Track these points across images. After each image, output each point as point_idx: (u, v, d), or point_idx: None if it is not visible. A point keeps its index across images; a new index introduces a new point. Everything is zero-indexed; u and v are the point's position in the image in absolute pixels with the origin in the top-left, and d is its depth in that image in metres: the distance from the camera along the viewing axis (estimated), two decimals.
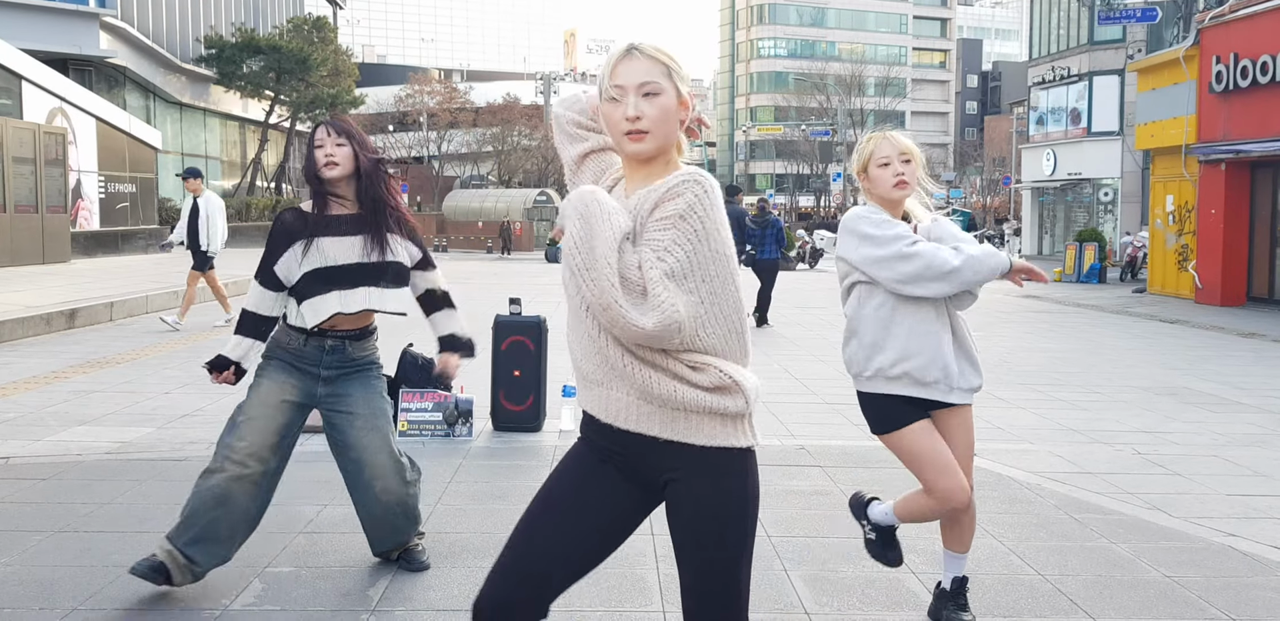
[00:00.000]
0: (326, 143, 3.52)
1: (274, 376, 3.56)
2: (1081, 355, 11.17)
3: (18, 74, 20.89)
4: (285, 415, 3.53)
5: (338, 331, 3.57)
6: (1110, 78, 31.75)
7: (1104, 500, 5.06)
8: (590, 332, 2.05)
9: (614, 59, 2.10)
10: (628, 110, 2.06)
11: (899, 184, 3.19)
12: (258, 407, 3.50)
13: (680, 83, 2.12)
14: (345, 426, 3.60)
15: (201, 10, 37.09)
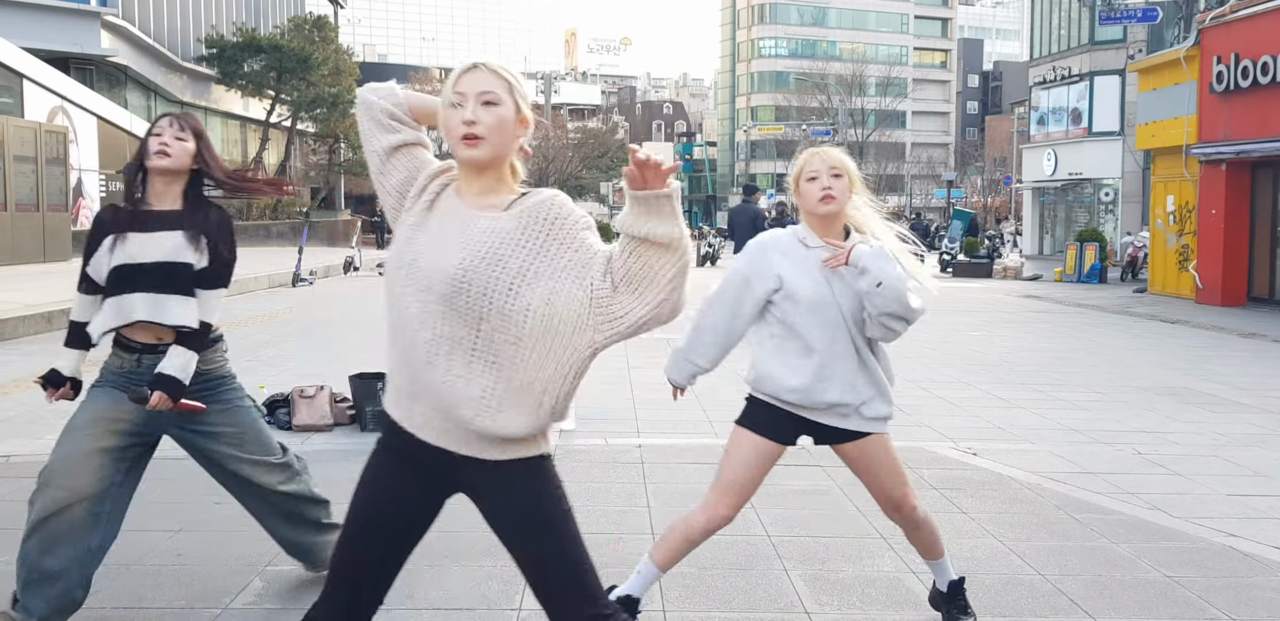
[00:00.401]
0: (165, 132, 3.22)
1: (101, 398, 3.15)
2: (1082, 355, 11.16)
3: (19, 73, 20.90)
4: (116, 437, 3.11)
5: (169, 343, 3.16)
6: (1111, 78, 31.74)
7: (1104, 500, 5.06)
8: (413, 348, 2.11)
9: (459, 72, 2.19)
10: (465, 114, 2.13)
11: (824, 198, 3.10)
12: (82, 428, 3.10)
13: (521, 100, 2.19)
14: (205, 445, 3.27)
15: (203, 9, 37.09)
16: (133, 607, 3.38)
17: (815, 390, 3.09)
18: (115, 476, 3.10)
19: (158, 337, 3.16)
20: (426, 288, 2.09)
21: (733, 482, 3.17)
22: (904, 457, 5.77)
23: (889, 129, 74.34)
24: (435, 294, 2.08)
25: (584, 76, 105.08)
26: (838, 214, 3.13)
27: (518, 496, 2.19)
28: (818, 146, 3.28)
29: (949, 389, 8.52)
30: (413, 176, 2.27)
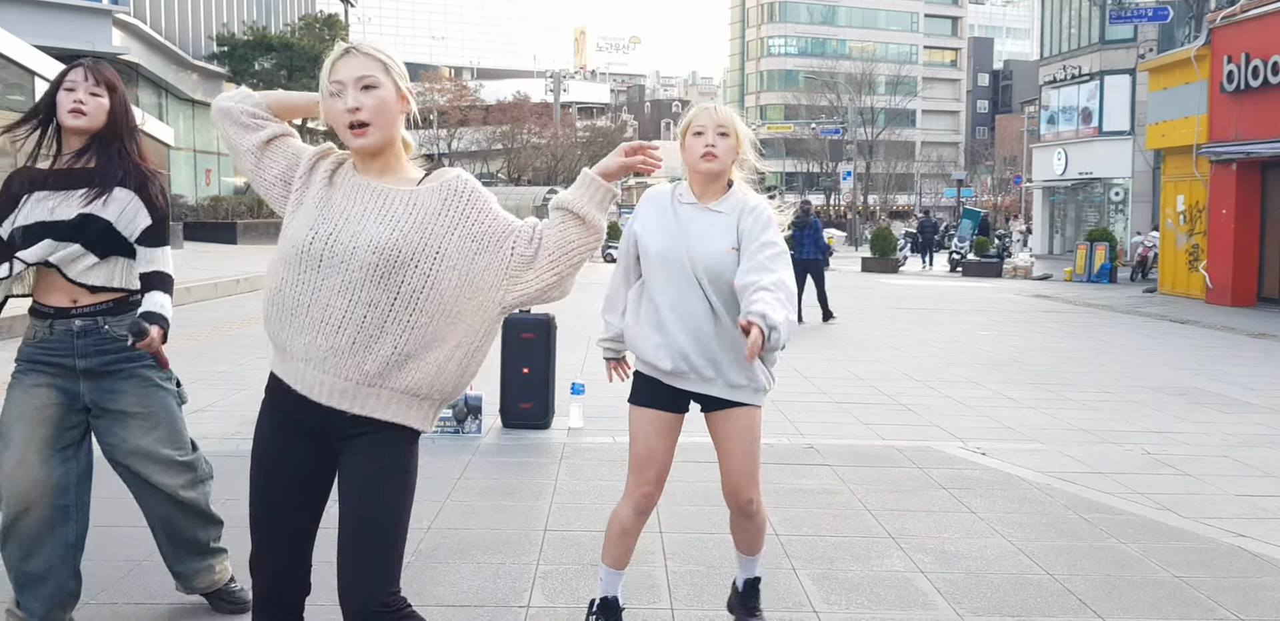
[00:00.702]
0: (79, 88, 2.97)
1: (22, 385, 3.00)
2: (1091, 355, 11.14)
3: (31, 70, 20.98)
4: (49, 425, 2.97)
5: (81, 307, 2.98)
6: (1121, 77, 31.65)
7: (1113, 500, 5.05)
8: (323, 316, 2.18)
9: (333, 59, 2.24)
10: (347, 102, 2.18)
11: (706, 155, 3.01)
12: (12, 427, 2.96)
13: (398, 79, 2.25)
14: (118, 428, 3.05)
15: (214, 8, 37.20)
16: (145, 603, 3.40)
17: (658, 355, 3.03)
18: (64, 465, 2.99)
19: (72, 300, 2.98)
20: (347, 259, 2.17)
21: (641, 460, 3.12)
22: (914, 457, 5.79)
23: (899, 128, 74.16)
24: (359, 263, 2.17)
25: (593, 75, 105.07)
26: (719, 173, 3.05)
27: (383, 459, 2.25)
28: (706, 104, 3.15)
29: (958, 388, 8.51)
30: (293, 163, 2.35)
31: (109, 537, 3.96)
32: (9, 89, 20.72)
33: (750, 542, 3.29)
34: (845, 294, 19.47)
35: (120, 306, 3.03)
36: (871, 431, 6.69)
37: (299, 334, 2.22)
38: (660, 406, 3.11)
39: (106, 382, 3.01)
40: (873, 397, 7.99)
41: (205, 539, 3.26)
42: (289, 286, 2.21)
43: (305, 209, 2.27)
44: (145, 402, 3.06)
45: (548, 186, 47.18)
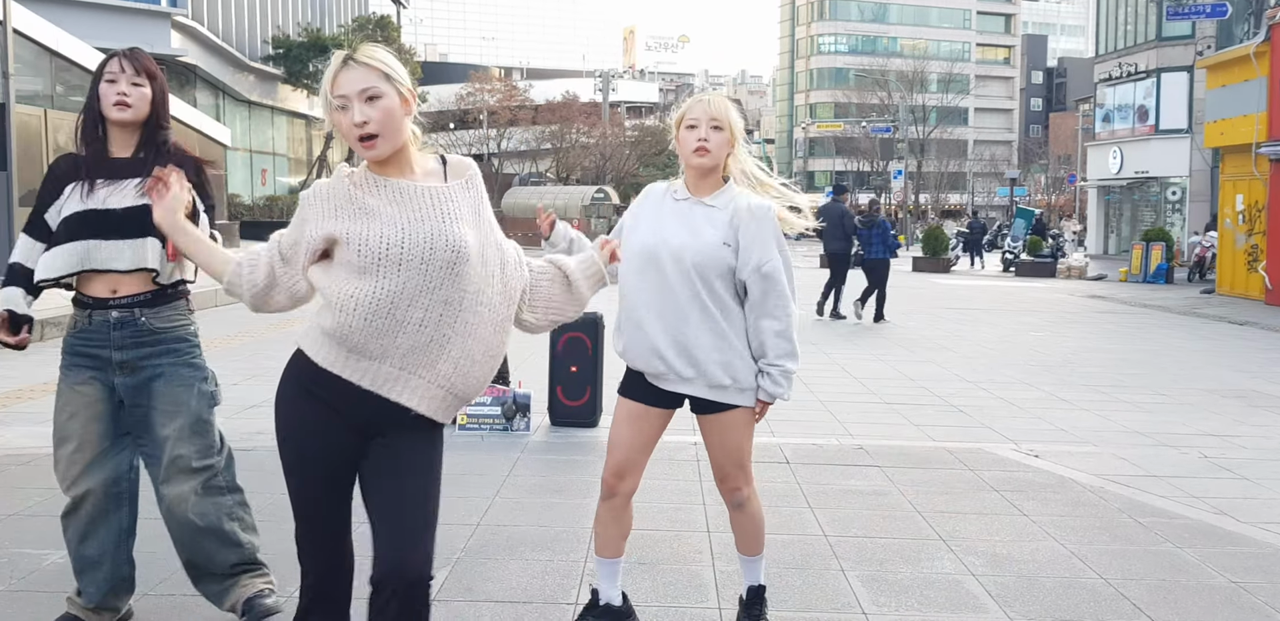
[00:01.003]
0: (121, 79, 2.96)
1: (67, 381, 3.04)
2: (1147, 356, 10.96)
3: (92, 72, 21.42)
4: (99, 421, 3.01)
5: (119, 298, 2.98)
6: (1179, 74, 31.06)
7: (1169, 504, 4.98)
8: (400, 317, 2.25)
9: (333, 71, 2.28)
10: (354, 116, 2.23)
11: (699, 150, 2.96)
12: (64, 423, 3.02)
13: (399, 84, 2.29)
14: (146, 425, 3.03)
15: (269, 10, 37.71)
16: (199, 593, 3.46)
17: (633, 355, 3.01)
18: (117, 456, 3.05)
19: (111, 290, 2.98)
20: (427, 259, 2.24)
21: (609, 446, 3.11)
22: (965, 459, 5.74)
23: (951, 126, 73.42)
24: (438, 262, 2.24)
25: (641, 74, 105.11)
26: (712, 167, 3.01)
27: (419, 445, 2.36)
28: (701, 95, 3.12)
29: (1010, 390, 8.42)
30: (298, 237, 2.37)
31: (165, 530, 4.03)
32: (71, 90, 21.15)
33: (748, 539, 3.22)
34: (896, 294, 19.31)
35: (158, 299, 3.02)
36: (922, 432, 6.64)
37: (377, 336, 2.27)
38: (643, 400, 3.07)
39: (139, 377, 3.00)
40: (923, 398, 7.93)
41: (224, 561, 3.13)
42: (367, 293, 2.24)
43: (345, 220, 2.28)
44: (173, 401, 3.02)
45: (595, 186, 47.33)
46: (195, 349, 3.11)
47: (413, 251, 2.25)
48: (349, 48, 2.32)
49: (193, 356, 3.08)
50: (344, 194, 2.33)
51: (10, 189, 12.99)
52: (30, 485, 4.70)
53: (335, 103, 2.27)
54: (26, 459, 5.21)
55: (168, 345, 3.01)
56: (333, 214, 2.31)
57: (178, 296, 3.07)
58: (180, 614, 3.30)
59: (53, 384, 3.16)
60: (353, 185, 2.33)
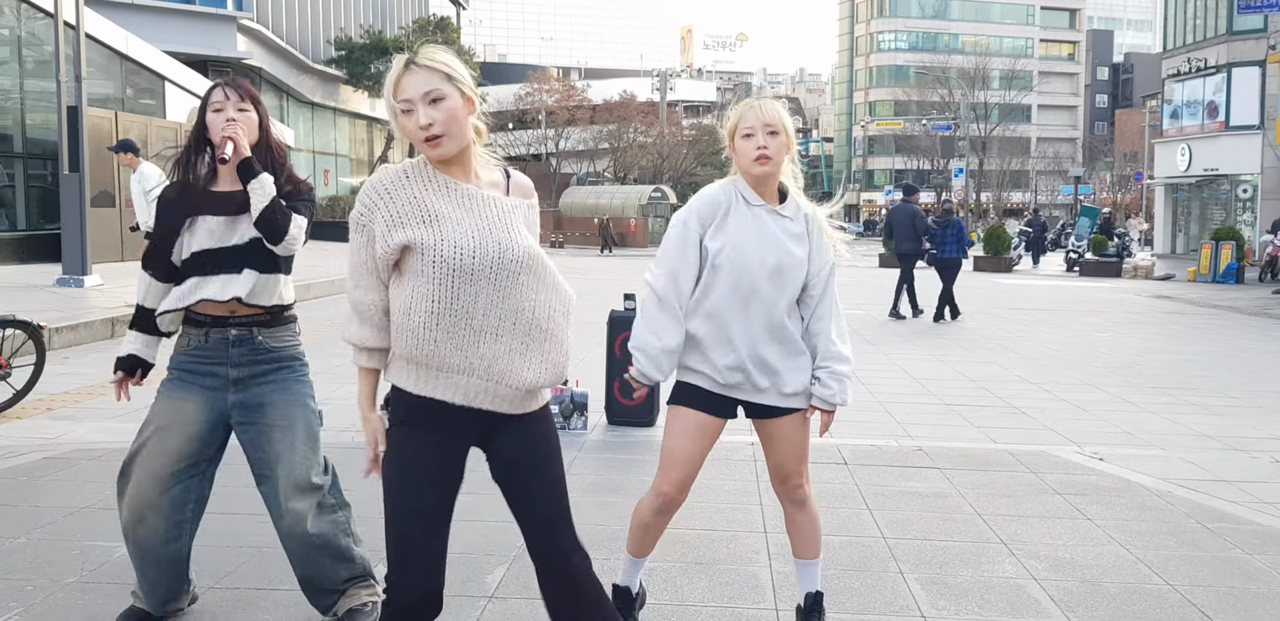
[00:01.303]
0: (227, 107, 3.00)
1: (170, 395, 3.05)
2: (1216, 358, 10.72)
3: (161, 75, 21.90)
4: (189, 442, 3.02)
5: (239, 317, 3.02)
6: (1250, 69, 30.30)
7: (1239, 509, 4.86)
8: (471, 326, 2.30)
9: (395, 75, 2.30)
10: (420, 119, 2.27)
11: (760, 158, 2.90)
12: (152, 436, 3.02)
13: (461, 85, 2.31)
14: (260, 440, 3.05)
15: (331, 13, 38.27)
16: (264, 588, 3.53)
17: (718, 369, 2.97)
18: (188, 481, 3.05)
19: (230, 311, 3.01)
20: (497, 268, 2.29)
21: (669, 461, 3.06)
22: (1027, 462, 5.66)
23: (1013, 123, 72.42)
24: (507, 272, 2.30)
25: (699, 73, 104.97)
26: (774, 173, 2.97)
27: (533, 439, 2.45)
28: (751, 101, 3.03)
29: (1074, 391, 8.28)
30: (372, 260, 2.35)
31: (233, 525, 4.12)
32: (140, 93, 21.64)
33: (809, 540, 3.18)
34: (957, 294, 19.10)
35: (276, 319, 3.08)
36: (983, 434, 6.56)
37: (458, 349, 2.31)
38: (704, 409, 3.04)
39: (254, 392, 3.04)
40: (984, 400, 7.83)
41: (337, 577, 3.16)
42: (442, 304, 2.28)
43: (413, 225, 2.29)
44: (288, 416, 3.05)
45: (653, 185, 47.35)
46: (305, 368, 3.16)
47: (484, 260, 2.29)
48: (410, 50, 2.34)
49: (303, 374, 3.14)
50: (407, 198, 2.31)
51: (83, 190, 13.31)
52: (101, 479, 4.81)
53: (399, 107, 2.29)
54: (98, 453, 5.34)
55: (282, 363, 3.08)
56: (398, 221, 2.30)
57: (291, 319, 3.15)
58: (245, 607, 3.36)
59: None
60: (417, 185, 2.33)
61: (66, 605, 3.33)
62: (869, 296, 17.55)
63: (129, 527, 3.02)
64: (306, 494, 3.05)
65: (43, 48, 18.18)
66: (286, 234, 2.96)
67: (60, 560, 3.74)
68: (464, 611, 3.37)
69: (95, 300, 11.47)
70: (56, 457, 5.25)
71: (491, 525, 4.06)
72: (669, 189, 46.25)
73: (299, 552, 3.10)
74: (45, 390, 6.98)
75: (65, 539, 3.97)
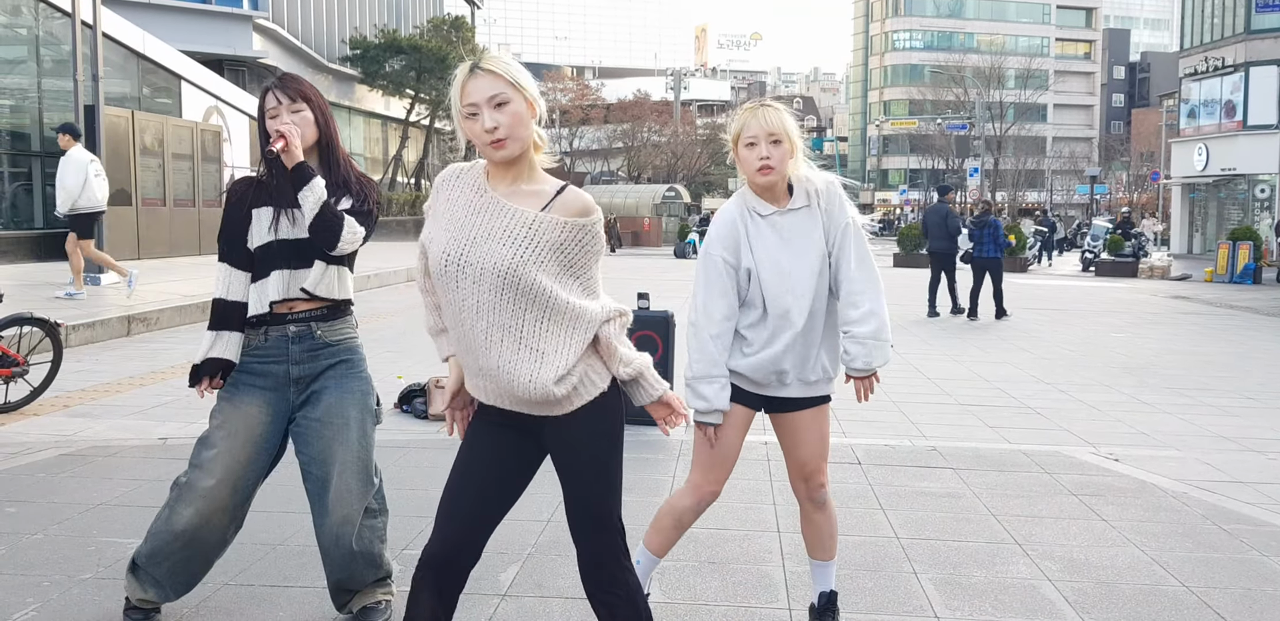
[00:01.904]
0: (281, 112, 2.98)
1: (234, 400, 3.05)
2: (1233, 359, 10.66)
3: (177, 74, 21.98)
4: (255, 448, 3.04)
5: (297, 313, 3.03)
6: (1268, 68, 30.12)
7: (1256, 511, 4.83)
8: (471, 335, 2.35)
9: (461, 80, 2.35)
10: (485, 123, 2.30)
11: (763, 169, 2.88)
12: (218, 445, 3.02)
13: (524, 91, 2.35)
14: (311, 436, 3.04)
15: (347, 12, 38.37)
16: (278, 585, 3.54)
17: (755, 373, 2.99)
18: (245, 491, 3.07)
19: (288, 307, 3.02)
20: (477, 280, 2.31)
21: (715, 459, 3.06)
22: (1042, 462, 5.65)
23: (1029, 122, 72.14)
24: (487, 286, 2.30)
25: (713, 72, 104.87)
26: (778, 182, 2.96)
27: (567, 443, 2.45)
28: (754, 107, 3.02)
29: (1090, 392, 8.24)
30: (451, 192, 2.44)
31: (247, 522, 4.13)
32: (157, 92, 21.73)
33: (826, 541, 3.19)
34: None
35: (334, 312, 3.08)
36: (997, 434, 6.53)
37: (469, 352, 2.39)
38: (741, 401, 3.05)
39: (314, 390, 3.04)
40: (999, 400, 7.80)
41: (364, 579, 3.17)
42: (450, 307, 2.39)
43: (435, 220, 2.43)
44: (344, 414, 3.04)
45: (667, 184, 47.35)
46: (362, 361, 3.16)
47: (467, 270, 2.32)
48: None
49: (361, 369, 3.13)
50: (447, 196, 2.43)
51: None
52: (117, 475, 4.84)
53: (465, 111, 2.34)
54: (114, 450, 5.37)
55: (340, 357, 3.08)
56: (432, 215, 2.45)
57: (348, 311, 3.14)
58: (259, 604, 3.37)
59: (138, 377, 3.27)
60: (460, 186, 2.42)
61: (82, 600, 3.35)
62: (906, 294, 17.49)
63: (191, 527, 2.99)
64: (354, 498, 3.04)
65: (60, 47, 18.27)
66: (340, 240, 2.94)
67: (76, 556, 3.76)
68: (477, 609, 3.37)
69: (112, 298, 11.53)
70: (73, 454, 5.28)
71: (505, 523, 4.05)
72: (683, 188, 46.24)
73: (335, 556, 3.09)
74: (62, 387, 7.02)
75: (82, 535, 4.00)
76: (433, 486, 4.69)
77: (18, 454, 5.30)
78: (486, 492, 2.49)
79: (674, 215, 43.17)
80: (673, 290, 16.12)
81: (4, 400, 6.34)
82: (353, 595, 3.21)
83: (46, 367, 6.66)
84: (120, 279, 11.62)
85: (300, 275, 3.00)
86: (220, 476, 3.00)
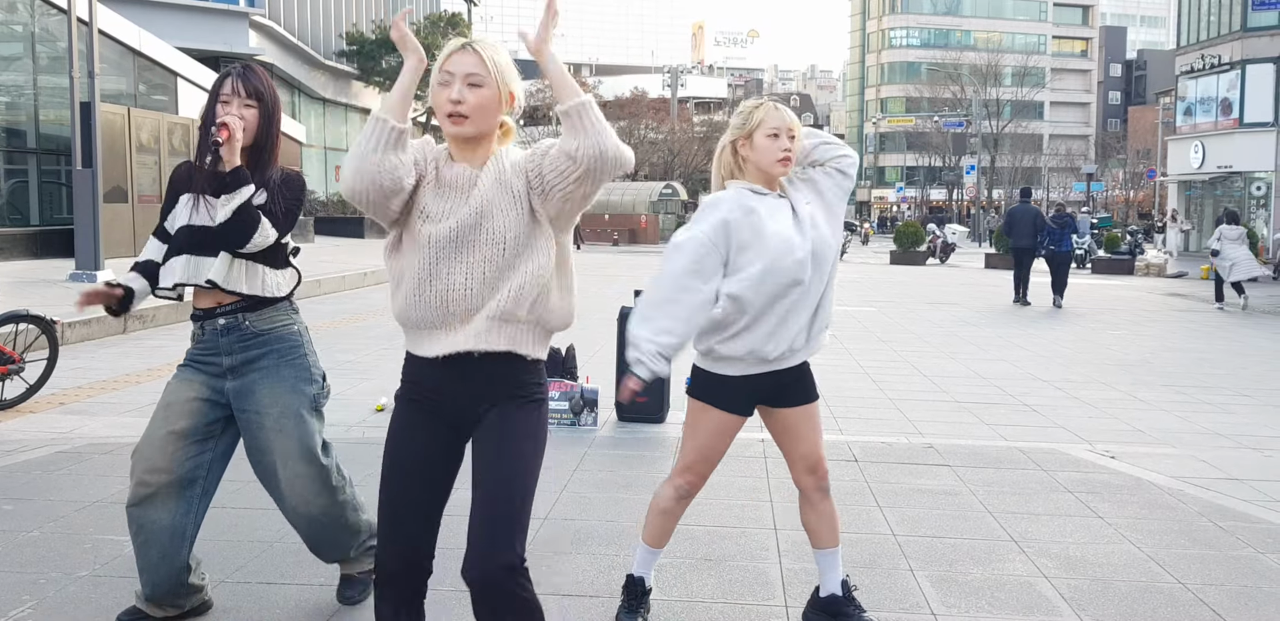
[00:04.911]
0: (233, 101, 3.00)
1: (177, 378, 3.13)
2: (1229, 356, 10.67)
3: (174, 71, 21.95)
4: (191, 417, 3.06)
5: (225, 305, 3.08)
6: (1265, 66, 30.17)
7: (1251, 508, 4.84)
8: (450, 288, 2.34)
9: (448, 50, 2.38)
10: (452, 94, 2.32)
11: (784, 159, 2.98)
12: (159, 413, 3.09)
13: (504, 83, 2.37)
14: (251, 428, 3.08)
15: (343, 8, 38.32)
16: (275, 583, 3.54)
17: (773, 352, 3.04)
18: (194, 458, 3.06)
19: (216, 302, 3.08)
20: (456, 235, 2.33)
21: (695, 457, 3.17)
22: (1038, 459, 5.65)
23: (1025, 120, 72.13)
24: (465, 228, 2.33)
25: (710, 70, 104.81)
26: (785, 173, 3.06)
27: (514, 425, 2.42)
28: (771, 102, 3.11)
29: (1086, 389, 8.25)
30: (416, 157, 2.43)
31: (244, 520, 4.13)
32: (153, 89, 21.70)
33: (833, 527, 3.25)
34: (970, 291, 19.05)
35: (259, 303, 3.10)
36: (994, 432, 6.54)
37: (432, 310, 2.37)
38: (731, 410, 3.11)
39: (247, 380, 3.08)
40: (995, 397, 7.81)
41: (348, 546, 3.26)
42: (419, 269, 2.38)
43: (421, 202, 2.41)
44: (278, 403, 3.07)
45: (664, 182, 47.33)
46: (298, 349, 3.15)
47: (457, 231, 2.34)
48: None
49: (295, 356, 3.14)
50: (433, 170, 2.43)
51: (96, 185, 13.35)
52: (113, 473, 4.84)
53: (440, 77, 2.36)
54: (110, 448, 5.37)
55: (271, 346, 3.10)
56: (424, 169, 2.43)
57: (277, 300, 3.13)
58: (256, 601, 3.37)
59: (134, 375, 3.26)
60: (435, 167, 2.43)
61: (79, 598, 3.34)
62: (881, 292, 17.53)
63: (134, 500, 3.01)
64: (307, 482, 3.08)
65: (56, 44, 18.23)
66: (249, 242, 2.98)
67: (73, 553, 3.76)
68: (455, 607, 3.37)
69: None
70: (69, 452, 5.28)
71: None
72: (680, 185, 46.21)
73: (306, 532, 3.20)
74: (58, 385, 7.02)
75: (77, 532, 3.99)
76: None
77: (14, 451, 5.30)
78: (427, 493, 2.46)
79: (671, 212, 43.15)
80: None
81: (0, 397, 6.33)
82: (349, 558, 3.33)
83: (43, 365, 6.65)
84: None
85: (205, 263, 3.02)
86: (149, 443, 3.04)
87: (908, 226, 30.26)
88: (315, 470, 3.09)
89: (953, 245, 31.17)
